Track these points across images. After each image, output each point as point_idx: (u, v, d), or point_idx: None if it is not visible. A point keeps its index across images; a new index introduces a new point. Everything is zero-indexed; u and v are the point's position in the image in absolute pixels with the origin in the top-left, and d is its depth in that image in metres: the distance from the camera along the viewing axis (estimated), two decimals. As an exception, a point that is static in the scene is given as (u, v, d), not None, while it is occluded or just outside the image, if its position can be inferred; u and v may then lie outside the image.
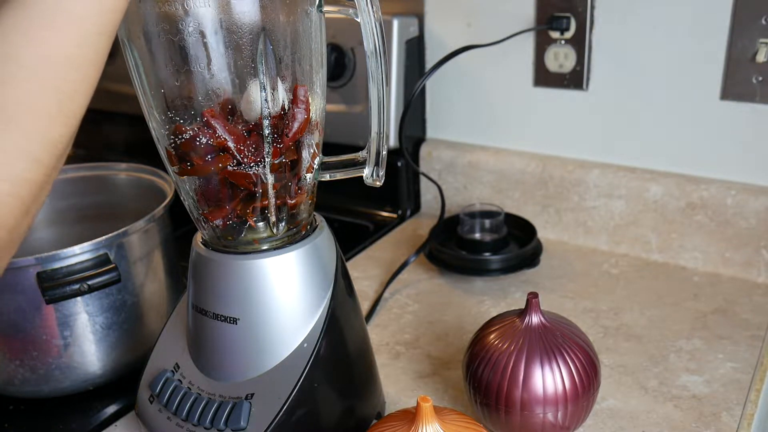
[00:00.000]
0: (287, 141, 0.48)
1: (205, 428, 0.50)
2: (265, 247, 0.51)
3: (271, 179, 0.49)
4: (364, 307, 0.79)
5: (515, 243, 0.87)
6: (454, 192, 0.99)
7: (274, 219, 0.51)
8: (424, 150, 1.00)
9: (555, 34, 0.86)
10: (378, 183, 0.52)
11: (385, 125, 0.50)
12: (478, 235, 0.88)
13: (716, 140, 0.81)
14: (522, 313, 0.56)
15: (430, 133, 1.02)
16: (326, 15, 0.49)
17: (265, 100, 0.46)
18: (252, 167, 0.48)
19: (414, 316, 0.77)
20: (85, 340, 0.63)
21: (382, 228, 0.99)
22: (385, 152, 0.51)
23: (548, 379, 0.52)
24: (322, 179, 0.53)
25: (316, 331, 0.51)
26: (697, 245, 0.83)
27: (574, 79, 0.87)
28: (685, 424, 0.58)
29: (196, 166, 0.48)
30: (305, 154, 0.50)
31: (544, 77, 0.89)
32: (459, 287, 0.82)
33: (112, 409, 0.64)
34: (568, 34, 0.85)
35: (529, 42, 0.89)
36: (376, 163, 0.51)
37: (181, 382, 0.53)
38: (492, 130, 0.96)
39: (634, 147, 0.86)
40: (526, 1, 0.87)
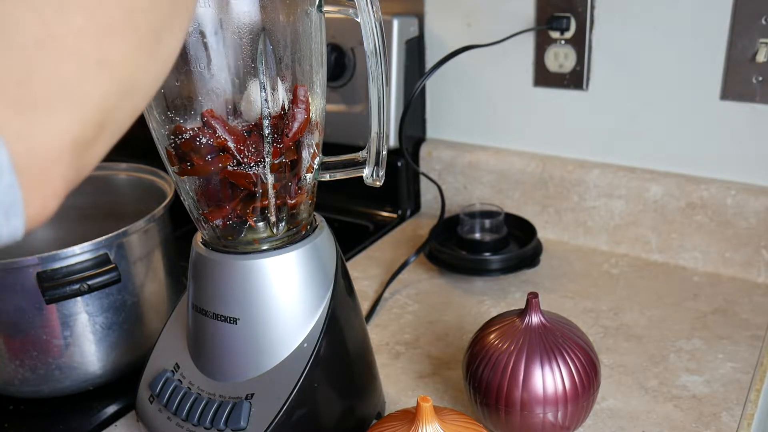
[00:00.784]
0: (287, 141, 0.48)
1: (205, 428, 0.50)
2: (265, 247, 0.51)
3: (271, 179, 0.49)
4: (364, 307, 0.79)
5: (515, 243, 0.87)
6: (454, 192, 0.99)
7: (274, 219, 0.50)
8: (424, 150, 1.00)
9: (555, 34, 0.86)
10: (378, 183, 0.52)
11: (385, 125, 0.50)
12: (478, 235, 0.88)
13: (716, 140, 0.81)
14: (522, 313, 0.56)
15: (430, 133, 1.02)
16: (326, 15, 0.49)
17: (265, 100, 0.46)
18: (252, 167, 0.48)
19: (414, 316, 0.77)
20: (85, 340, 0.63)
21: (382, 228, 0.99)
22: (385, 152, 0.51)
23: (548, 379, 0.52)
24: (322, 179, 0.53)
25: (316, 331, 0.51)
26: (697, 245, 0.83)
27: (574, 79, 0.87)
28: (685, 424, 0.58)
29: (196, 166, 0.48)
30: (305, 154, 0.50)
31: (544, 77, 0.89)
32: (459, 287, 0.82)
33: (112, 409, 0.64)
34: (568, 34, 0.85)
35: (529, 42, 0.89)
36: (376, 163, 0.51)
37: (181, 382, 0.53)
38: (492, 130, 0.96)
39: (634, 147, 0.86)
40: (526, 1, 0.87)
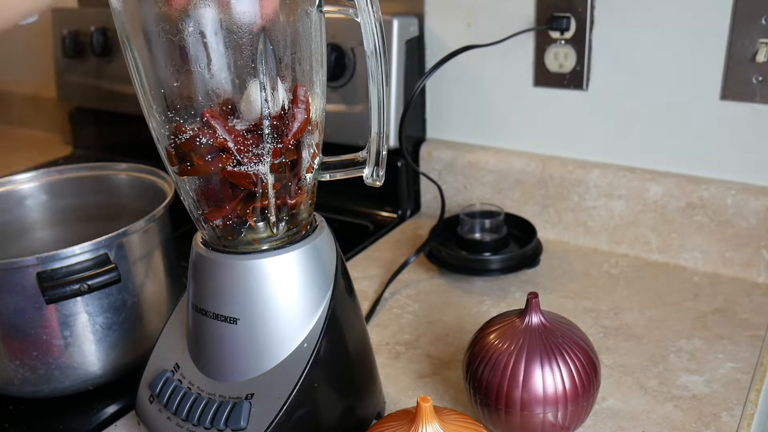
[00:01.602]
0: (287, 141, 0.48)
1: (205, 428, 0.50)
2: (265, 247, 0.51)
3: (271, 179, 0.49)
4: (364, 307, 0.79)
5: (515, 243, 0.87)
6: (454, 192, 0.99)
7: (274, 219, 0.51)
8: (424, 150, 1.00)
9: (555, 34, 0.86)
10: (378, 183, 0.52)
11: (385, 125, 0.50)
12: (478, 235, 0.88)
13: (716, 140, 0.81)
14: (522, 313, 0.56)
15: (430, 133, 1.02)
16: (326, 15, 0.49)
17: (265, 100, 0.46)
18: (252, 167, 0.48)
19: (414, 316, 0.77)
20: (85, 340, 0.63)
21: (382, 228, 0.99)
22: (385, 152, 0.51)
23: (548, 379, 0.52)
24: (322, 179, 0.53)
25: (316, 331, 0.51)
26: (697, 245, 0.83)
27: (574, 79, 0.87)
28: (685, 424, 0.58)
29: (196, 166, 0.48)
30: (305, 154, 0.50)
31: (544, 77, 0.89)
32: (459, 287, 0.82)
33: (112, 409, 0.64)
34: (568, 34, 0.85)
35: (529, 42, 0.89)
36: (376, 163, 0.51)
37: (181, 382, 0.53)
38: (492, 130, 0.96)
39: (634, 147, 0.86)
40: (526, 1, 0.87)
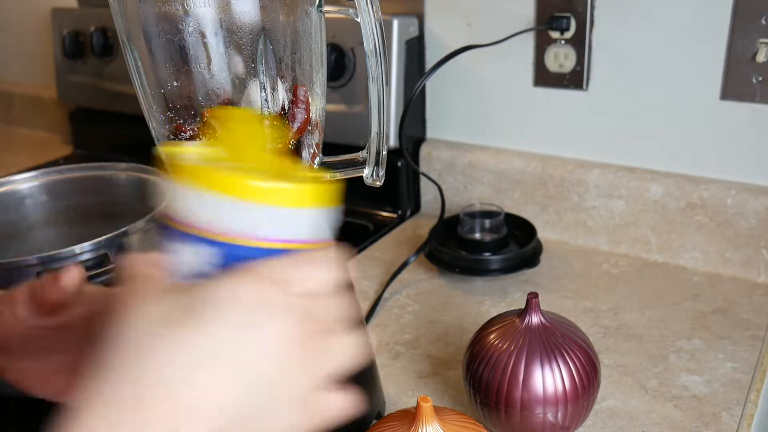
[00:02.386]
0: (287, 141, 0.48)
1: (205, 428, 0.50)
2: (265, 247, 0.51)
3: (271, 179, 0.49)
4: (364, 307, 0.79)
5: (515, 243, 0.87)
6: (454, 192, 0.99)
7: (274, 219, 0.50)
8: (424, 150, 1.00)
9: (555, 34, 0.86)
10: (378, 183, 0.52)
11: (385, 125, 0.50)
12: (478, 235, 0.88)
13: (716, 140, 0.81)
14: (522, 313, 0.56)
15: (430, 133, 1.02)
16: (326, 15, 0.49)
17: (265, 100, 0.46)
18: (252, 167, 0.48)
19: (414, 316, 0.77)
20: (85, 340, 0.63)
21: (382, 228, 0.99)
22: (385, 152, 0.51)
23: (548, 379, 0.52)
24: (322, 179, 0.53)
25: (316, 331, 0.51)
26: (697, 245, 0.83)
27: (574, 79, 0.87)
28: (685, 424, 0.58)
29: (196, 166, 0.48)
30: (305, 154, 0.50)
31: (544, 77, 0.89)
32: (459, 287, 0.82)
33: (112, 409, 0.64)
34: (568, 34, 0.85)
35: (529, 42, 0.89)
36: (376, 163, 0.51)
37: (181, 382, 0.53)
38: (492, 130, 0.96)
39: (634, 147, 0.86)
40: (526, 1, 0.87)
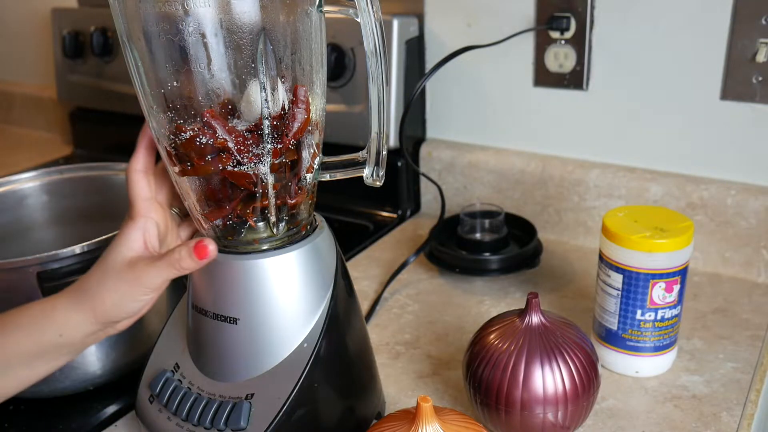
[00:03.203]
0: (287, 141, 0.48)
1: (205, 428, 0.50)
2: (265, 247, 0.51)
3: (271, 179, 0.49)
4: (364, 307, 0.79)
5: (515, 243, 0.87)
6: (454, 192, 0.99)
7: (274, 219, 0.50)
8: (424, 150, 1.00)
9: (555, 34, 0.86)
10: (378, 183, 0.52)
11: (385, 125, 0.50)
12: (478, 235, 0.88)
13: (716, 140, 0.81)
14: (522, 313, 0.56)
15: (430, 133, 1.02)
16: (326, 15, 0.49)
17: (265, 100, 0.46)
18: (252, 167, 0.48)
19: (414, 316, 0.77)
20: (85, 340, 0.63)
21: (382, 228, 0.99)
22: (385, 152, 0.51)
23: (548, 379, 0.52)
24: (322, 179, 0.53)
25: (316, 331, 0.51)
26: (697, 245, 0.83)
27: (574, 79, 0.87)
28: (685, 424, 0.58)
29: (196, 166, 0.48)
30: (305, 154, 0.50)
31: (544, 77, 0.89)
32: (459, 287, 0.82)
33: (112, 409, 0.64)
34: (568, 34, 0.85)
35: (529, 42, 0.89)
36: (376, 163, 0.51)
37: (181, 382, 0.53)
38: (492, 130, 0.96)
39: (634, 147, 0.86)
40: (526, 1, 0.87)
